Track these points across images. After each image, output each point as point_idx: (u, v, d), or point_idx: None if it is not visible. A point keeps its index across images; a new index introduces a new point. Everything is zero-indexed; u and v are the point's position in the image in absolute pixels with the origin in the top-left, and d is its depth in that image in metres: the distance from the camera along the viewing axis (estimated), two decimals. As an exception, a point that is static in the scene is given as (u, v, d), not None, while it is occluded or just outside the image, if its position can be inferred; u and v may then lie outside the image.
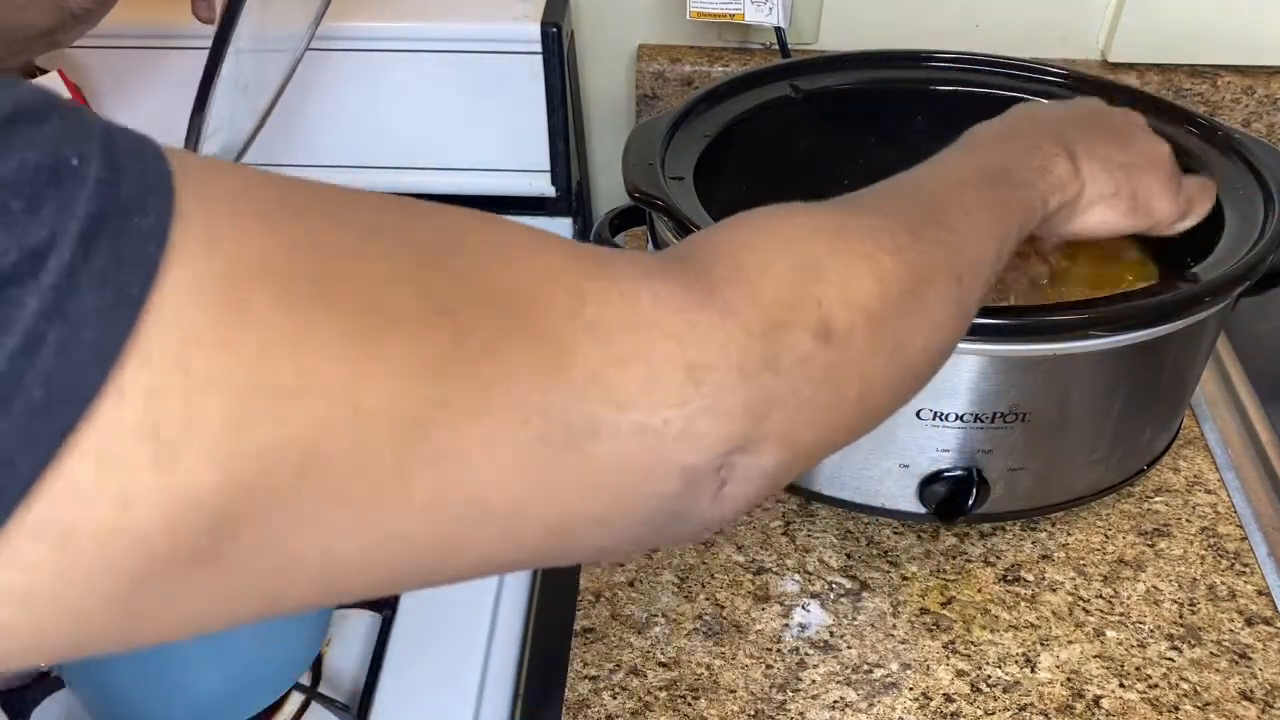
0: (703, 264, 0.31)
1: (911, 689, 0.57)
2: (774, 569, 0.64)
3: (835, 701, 0.57)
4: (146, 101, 0.86)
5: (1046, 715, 0.56)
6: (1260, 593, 0.62)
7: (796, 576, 0.63)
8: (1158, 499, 0.68)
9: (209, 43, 0.55)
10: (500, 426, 0.25)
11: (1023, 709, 0.56)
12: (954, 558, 0.64)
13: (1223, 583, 0.63)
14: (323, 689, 0.61)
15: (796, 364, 0.31)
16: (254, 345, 0.21)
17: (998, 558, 0.64)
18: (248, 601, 0.24)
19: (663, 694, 0.57)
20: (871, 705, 0.56)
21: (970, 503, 0.60)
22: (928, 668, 0.58)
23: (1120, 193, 0.49)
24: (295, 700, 0.60)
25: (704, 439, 0.29)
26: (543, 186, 0.90)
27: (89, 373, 0.19)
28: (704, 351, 0.29)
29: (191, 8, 0.66)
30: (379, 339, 0.23)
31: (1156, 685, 0.57)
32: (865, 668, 0.58)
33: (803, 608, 0.61)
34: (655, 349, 0.28)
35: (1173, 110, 0.69)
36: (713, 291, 0.30)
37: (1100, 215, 0.49)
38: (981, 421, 0.57)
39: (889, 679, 0.58)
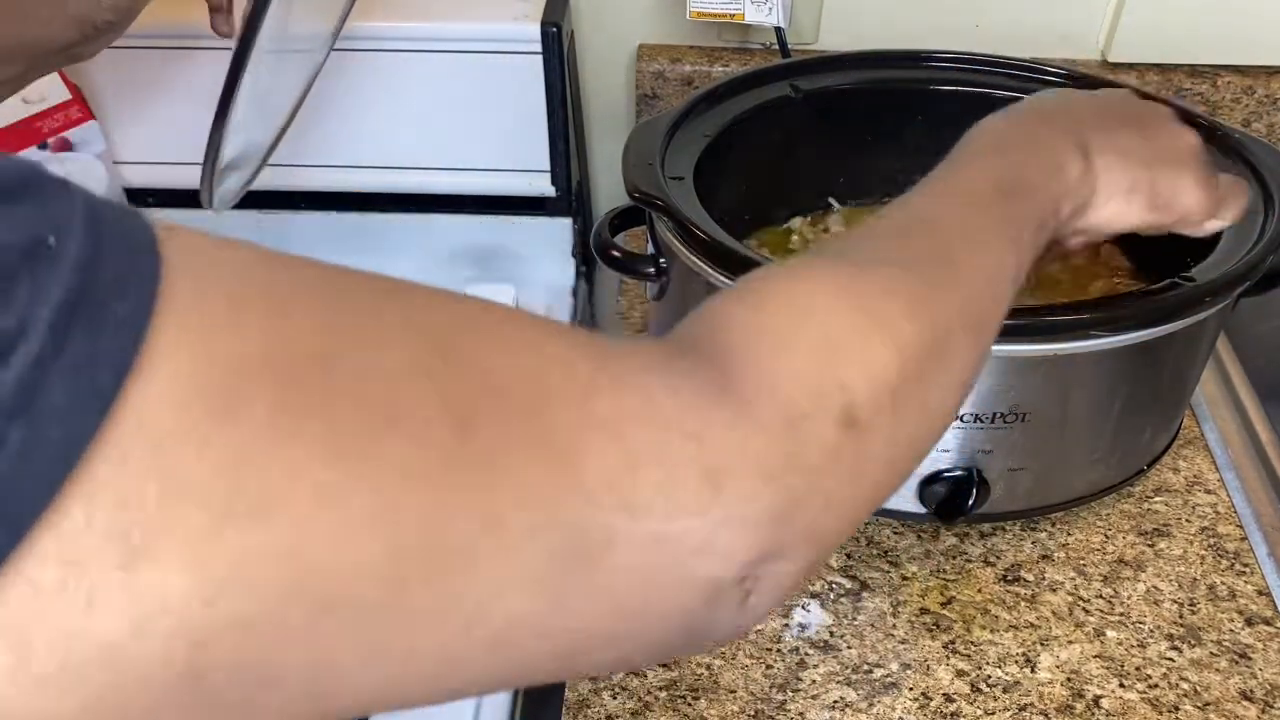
0: (716, 351, 0.29)
1: (911, 689, 0.57)
2: (774, 569, 0.64)
3: (835, 701, 0.57)
4: (148, 102, 0.86)
5: (1046, 715, 0.56)
6: (1260, 593, 0.62)
7: (796, 576, 0.63)
8: (1158, 499, 0.68)
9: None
10: (508, 537, 0.23)
11: (1023, 709, 0.56)
12: (954, 558, 0.64)
13: (1223, 583, 0.63)
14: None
15: (822, 459, 0.29)
16: (239, 447, 0.20)
17: (998, 558, 0.64)
18: (226, 717, 0.22)
19: (663, 694, 0.57)
20: (871, 705, 0.56)
21: (970, 503, 0.60)
22: (928, 668, 0.58)
23: (1138, 188, 0.47)
24: None
25: (728, 550, 0.27)
26: (543, 186, 0.90)
27: (54, 473, 0.18)
28: (723, 454, 0.27)
29: (210, 22, 0.66)
30: (376, 439, 0.22)
31: (1156, 685, 0.57)
32: (865, 668, 0.58)
33: (803, 608, 0.61)
34: (671, 450, 0.26)
35: (1172, 110, 0.69)
36: (729, 386, 0.28)
37: (1115, 210, 0.47)
38: (981, 421, 0.57)
39: (889, 679, 0.58)
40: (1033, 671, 0.58)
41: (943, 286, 0.34)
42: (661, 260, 0.63)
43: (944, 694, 0.57)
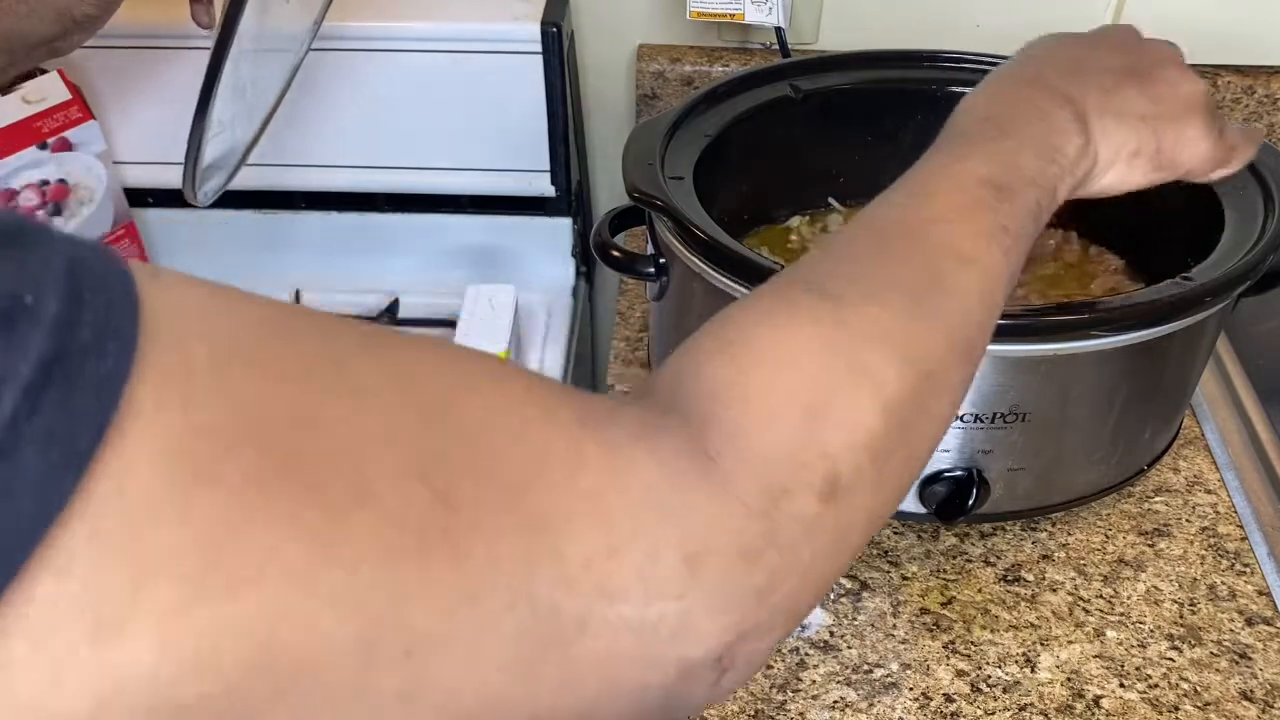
0: (699, 417, 0.28)
1: (911, 689, 0.57)
2: (774, 569, 0.64)
3: (835, 701, 0.57)
4: (147, 102, 0.86)
5: (1046, 715, 0.56)
6: (1260, 593, 0.62)
7: (796, 576, 0.63)
8: (1158, 499, 0.68)
9: (209, 44, 0.55)
10: (480, 617, 0.23)
11: (1023, 709, 0.56)
12: (954, 558, 0.64)
13: (1223, 583, 0.63)
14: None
15: (802, 534, 0.28)
16: (215, 521, 0.19)
17: (998, 558, 0.64)
18: None
19: (663, 694, 0.57)
20: (871, 705, 0.56)
21: (970, 503, 0.60)
22: (928, 668, 0.58)
23: (1142, 150, 0.44)
24: None
25: (704, 633, 0.26)
26: (543, 186, 0.90)
27: (25, 543, 0.17)
28: (704, 536, 0.26)
29: (191, 13, 0.66)
30: (350, 515, 0.21)
31: (1156, 685, 0.57)
32: (865, 668, 0.58)
33: (803, 608, 0.61)
34: (653, 533, 0.25)
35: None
36: (712, 460, 0.27)
37: (1117, 176, 0.44)
38: (981, 421, 0.57)
39: (889, 679, 0.58)
40: (1033, 671, 0.58)
41: (931, 319, 0.33)
42: (661, 260, 0.63)
43: (944, 694, 0.57)
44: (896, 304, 0.33)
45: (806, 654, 0.59)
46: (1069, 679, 0.58)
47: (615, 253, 0.65)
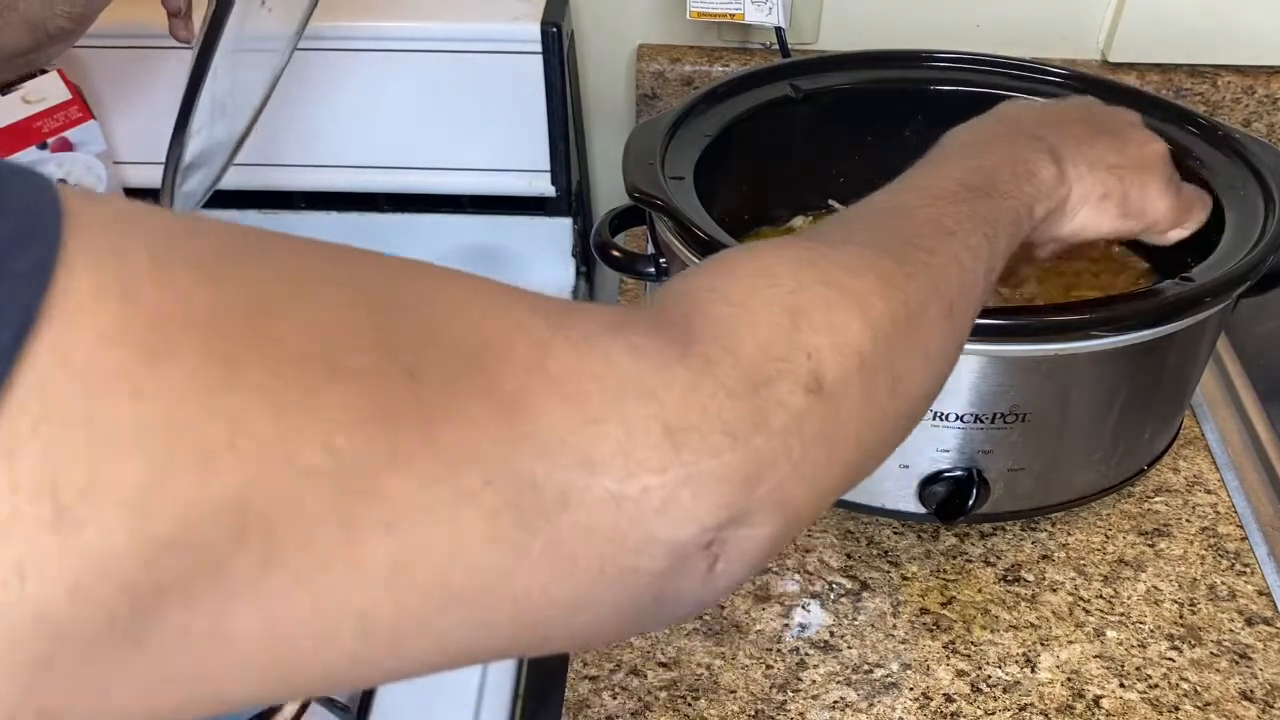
0: (679, 314, 0.29)
1: (911, 689, 0.57)
2: (774, 569, 0.64)
3: (835, 701, 0.57)
4: (147, 102, 0.86)
5: (1046, 715, 0.56)
6: (1260, 593, 0.62)
7: (797, 576, 0.63)
8: (1158, 499, 0.68)
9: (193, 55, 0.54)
10: (458, 489, 0.23)
11: (1023, 709, 0.56)
12: (954, 558, 0.64)
13: (1223, 583, 0.63)
14: (323, 689, 0.61)
15: (789, 423, 0.28)
16: (175, 395, 0.19)
17: (998, 558, 0.64)
18: (179, 691, 0.21)
19: (663, 694, 0.57)
20: (871, 705, 0.56)
21: (970, 503, 0.60)
22: (928, 668, 0.58)
23: (1111, 195, 0.47)
24: (293, 700, 0.60)
25: (690, 512, 0.26)
26: (543, 186, 0.90)
27: None
28: (685, 412, 0.26)
29: (169, 27, 0.65)
30: (320, 388, 0.21)
31: (1157, 685, 0.57)
32: (865, 668, 0.58)
33: (803, 608, 0.61)
34: (629, 407, 0.25)
35: (1173, 110, 0.69)
36: (691, 344, 0.27)
37: (1089, 218, 0.47)
38: (981, 422, 0.57)
39: (889, 679, 0.58)
40: (1033, 671, 0.58)
41: (914, 267, 0.34)
42: (661, 260, 0.63)
43: (944, 694, 0.57)
44: (883, 252, 0.34)
45: (806, 654, 0.59)
46: (1069, 679, 0.58)
47: (615, 253, 0.65)
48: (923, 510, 0.62)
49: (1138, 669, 0.58)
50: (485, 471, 0.23)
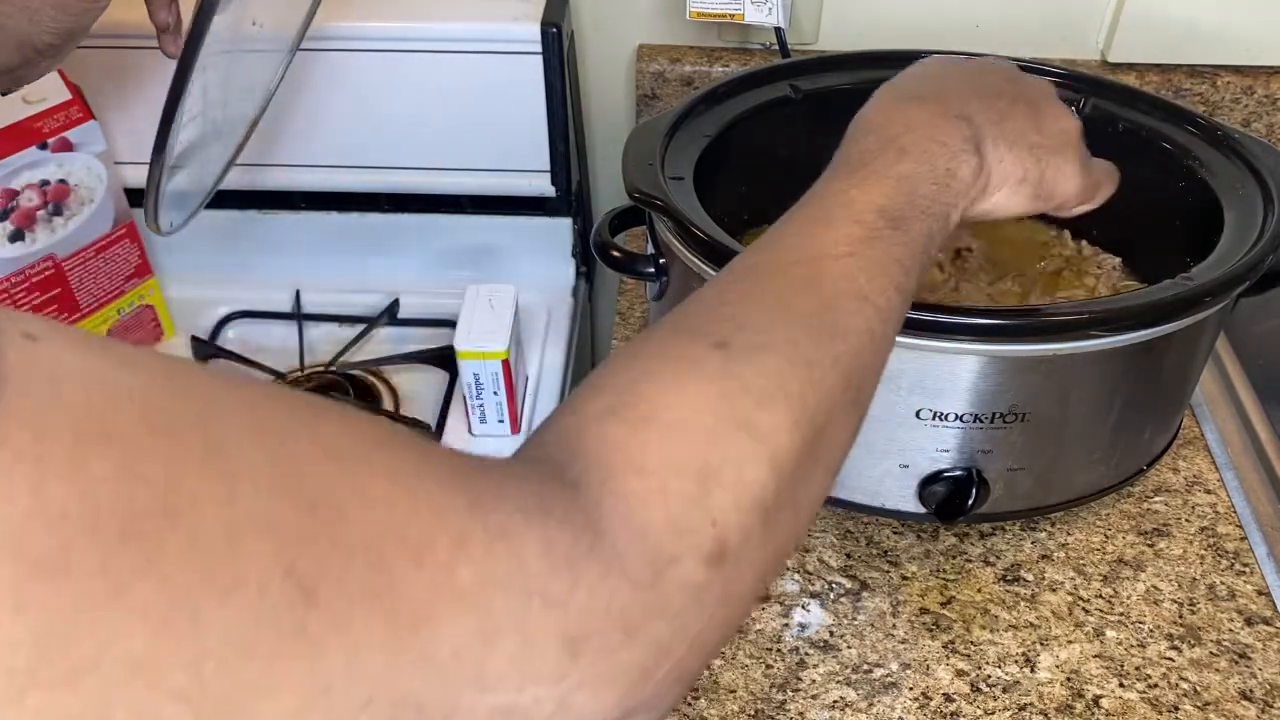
0: (593, 491, 0.28)
1: (911, 689, 0.57)
2: (774, 569, 0.64)
3: (835, 701, 0.57)
4: (147, 101, 0.86)
5: (1046, 715, 0.56)
6: (1260, 593, 0.62)
7: (796, 576, 0.63)
8: (1157, 499, 0.68)
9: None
10: (336, 713, 0.22)
11: (1022, 709, 0.56)
12: (954, 558, 0.64)
13: (1222, 583, 0.63)
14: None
15: (689, 601, 0.27)
16: (54, 611, 0.19)
17: (997, 558, 0.65)
18: None
19: (663, 694, 0.57)
20: (871, 705, 0.57)
21: (970, 503, 0.60)
22: (927, 667, 0.58)
23: (1028, 178, 0.45)
24: None
25: (587, 713, 0.25)
26: (543, 186, 0.90)
27: None
28: (587, 619, 0.25)
29: (159, 43, 0.65)
30: (204, 609, 0.20)
31: (1156, 685, 0.57)
32: (865, 667, 0.58)
33: (803, 607, 0.62)
34: (532, 619, 0.24)
35: (1172, 110, 0.69)
36: (602, 534, 0.26)
37: (1002, 200, 0.45)
38: (981, 421, 0.57)
39: (889, 679, 0.58)
40: (1032, 671, 0.58)
41: (824, 368, 0.33)
42: (661, 260, 0.64)
43: (944, 694, 0.57)
44: (788, 351, 0.32)
45: (806, 654, 0.59)
46: (1069, 679, 0.58)
47: (615, 253, 0.65)
48: (922, 510, 0.62)
49: (1137, 669, 0.58)
50: (365, 694, 0.22)
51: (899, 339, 0.53)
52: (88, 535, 0.19)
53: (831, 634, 0.60)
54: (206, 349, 0.89)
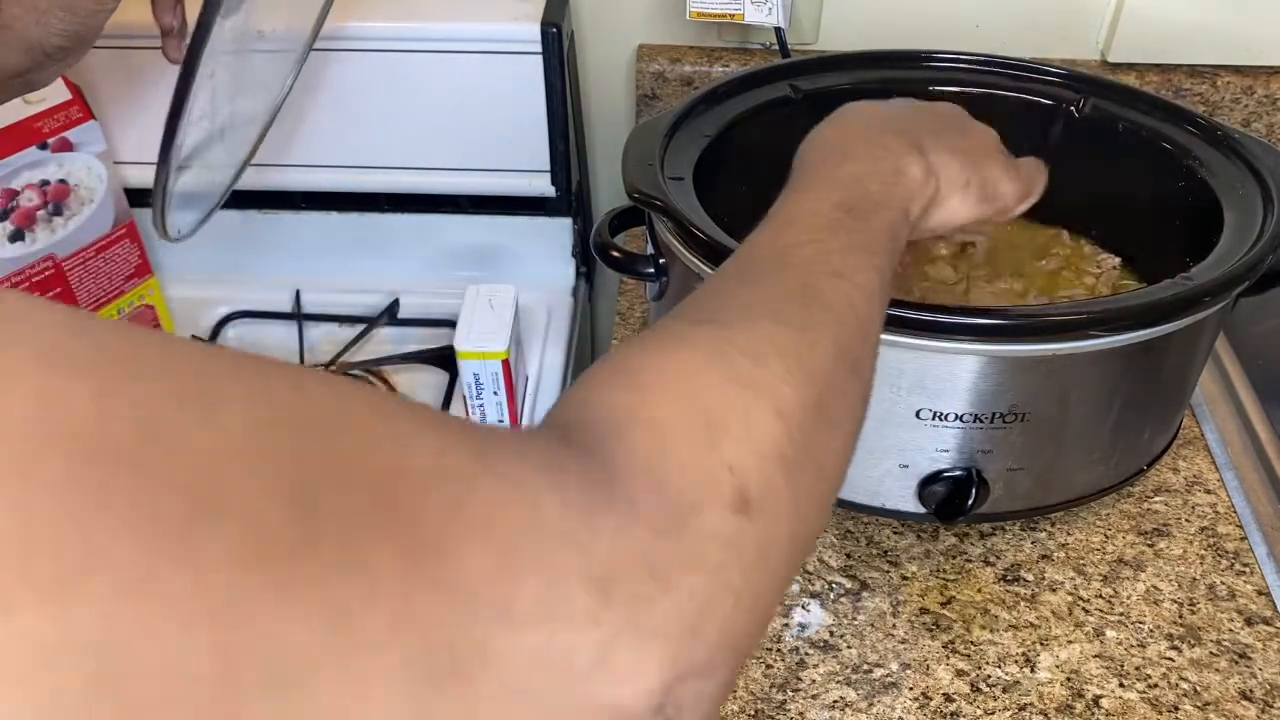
0: (600, 444, 0.27)
1: (911, 689, 0.57)
2: (774, 569, 0.64)
3: (835, 701, 0.57)
4: (147, 102, 0.86)
5: (1046, 715, 0.56)
6: (1260, 593, 0.62)
7: (796, 576, 0.63)
8: (1157, 499, 0.68)
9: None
10: (359, 639, 0.20)
11: (1022, 709, 0.56)
12: (954, 558, 0.64)
13: (1222, 583, 0.63)
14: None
15: (722, 552, 0.27)
16: (27, 516, 0.17)
17: (997, 558, 0.65)
18: None
19: (662, 694, 0.57)
20: (871, 705, 0.57)
21: (970, 503, 0.60)
22: (927, 667, 0.58)
23: (971, 182, 0.47)
24: None
25: (633, 671, 0.24)
26: (543, 186, 0.90)
27: None
28: (611, 561, 0.24)
29: (163, 48, 0.65)
30: (201, 522, 0.18)
31: (1156, 685, 0.57)
32: (865, 667, 0.58)
33: (803, 607, 0.62)
34: (553, 558, 0.23)
35: (1172, 110, 0.69)
36: (615, 485, 0.26)
37: (955, 206, 0.47)
38: (981, 421, 0.57)
39: (889, 679, 0.58)
40: (1032, 671, 0.58)
41: (815, 330, 0.33)
42: (661, 260, 0.64)
43: (944, 694, 0.57)
44: (775, 317, 0.33)
45: (806, 653, 0.59)
46: (1069, 679, 0.58)
47: (615, 253, 0.65)
48: (922, 510, 0.62)
49: (1137, 669, 0.58)
50: (389, 619, 0.21)
51: (899, 339, 0.54)
52: (52, 445, 0.18)
53: (831, 634, 0.60)
54: (206, 349, 0.89)
